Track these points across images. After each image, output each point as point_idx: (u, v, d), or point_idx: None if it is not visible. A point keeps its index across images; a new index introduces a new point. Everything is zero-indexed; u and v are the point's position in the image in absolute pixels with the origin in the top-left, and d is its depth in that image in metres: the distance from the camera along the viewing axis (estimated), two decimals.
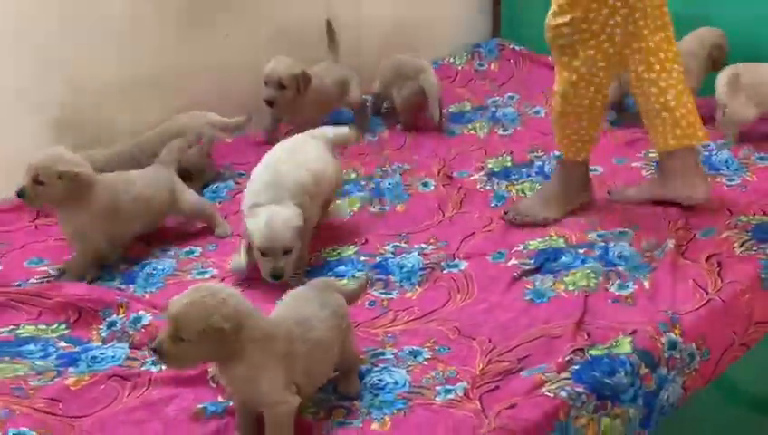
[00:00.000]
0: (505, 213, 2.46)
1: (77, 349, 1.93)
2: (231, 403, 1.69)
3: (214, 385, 1.77)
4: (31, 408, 1.67)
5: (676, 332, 1.89)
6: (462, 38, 3.87)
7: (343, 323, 1.73)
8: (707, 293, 2.03)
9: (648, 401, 1.79)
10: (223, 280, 2.19)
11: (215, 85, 3.06)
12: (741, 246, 2.22)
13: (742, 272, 2.10)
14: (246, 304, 1.56)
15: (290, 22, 3.21)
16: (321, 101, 3.01)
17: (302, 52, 3.07)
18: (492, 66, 3.73)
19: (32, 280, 2.22)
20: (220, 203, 2.67)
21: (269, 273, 2.08)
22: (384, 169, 2.85)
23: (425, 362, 1.84)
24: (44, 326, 2.02)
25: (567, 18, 2.30)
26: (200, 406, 1.71)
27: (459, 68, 3.69)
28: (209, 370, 1.79)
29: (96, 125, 2.80)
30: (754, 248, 2.20)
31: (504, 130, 3.16)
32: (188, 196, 2.44)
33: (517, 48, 3.74)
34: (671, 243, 2.24)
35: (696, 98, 2.48)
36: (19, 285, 2.17)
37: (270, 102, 2.85)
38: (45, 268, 2.28)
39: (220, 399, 1.73)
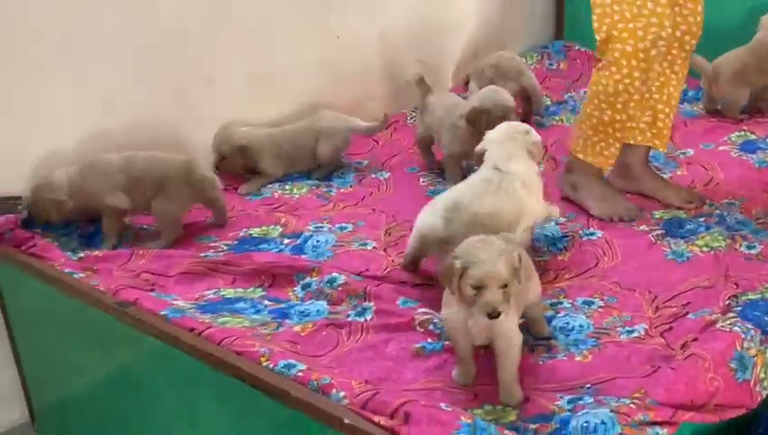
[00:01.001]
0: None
1: (282, 305, 2.16)
2: (445, 343, 1.94)
3: (421, 330, 2.01)
4: (279, 347, 1.89)
5: None
6: (526, 41, 4.15)
7: (529, 270, 1.97)
8: None
9: None
10: (385, 250, 2.44)
11: (327, 84, 3.30)
12: None
13: None
14: None
15: (398, 24, 3.47)
16: None
17: (409, 55, 3.35)
18: (561, 65, 4.01)
19: (209, 253, 2.45)
20: (351, 187, 2.91)
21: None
22: None
23: (600, 310, 2.10)
24: (242, 290, 2.25)
25: None
26: (418, 345, 1.95)
27: (532, 67, 3.94)
28: (414, 317, 2.03)
29: (226, 115, 3.03)
30: None
31: None
32: (164, 202, 2.50)
33: (582, 49, 4.02)
34: None
35: None
36: (206, 256, 2.39)
37: None
38: (216, 244, 2.52)
39: (429, 340, 1.98)
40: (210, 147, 2.94)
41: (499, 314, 1.70)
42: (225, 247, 2.49)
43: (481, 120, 2.73)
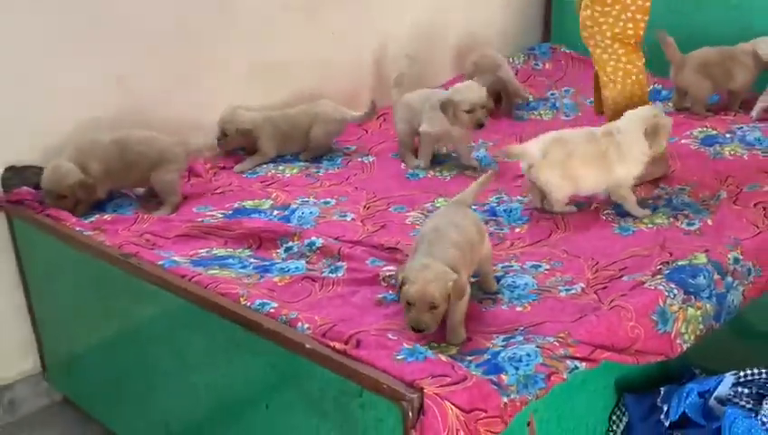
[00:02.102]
0: None
1: (266, 263, 2.44)
2: None
3: (384, 284, 2.28)
4: (258, 291, 2.18)
5: (738, 251, 2.40)
6: (515, 42, 4.42)
7: (482, 229, 2.25)
8: (758, 227, 2.55)
9: (719, 300, 2.30)
10: (362, 221, 2.72)
11: (322, 75, 3.59)
12: None
13: None
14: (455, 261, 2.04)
15: (391, 23, 3.75)
16: None
17: (401, 52, 3.64)
18: (546, 66, 4.28)
19: (205, 220, 2.73)
20: (338, 169, 3.20)
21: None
22: (469, 145, 3.37)
23: (545, 272, 2.36)
24: (232, 250, 2.53)
25: None
26: (380, 296, 2.22)
27: (519, 67, 4.22)
28: (379, 273, 2.31)
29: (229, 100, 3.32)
30: None
31: (566, 116, 3.70)
32: (163, 174, 2.83)
33: (567, 51, 4.29)
34: (724, 193, 2.78)
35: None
36: (202, 222, 2.68)
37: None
38: (212, 212, 2.80)
39: (391, 292, 2.25)
40: (215, 125, 3.23)
41: (422, 331, 1.94)
42: (220, 216, 2.77)
43: (448, 110, 3.02)
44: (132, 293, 2.35)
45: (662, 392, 2.15)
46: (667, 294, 2.18)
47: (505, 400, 1.77)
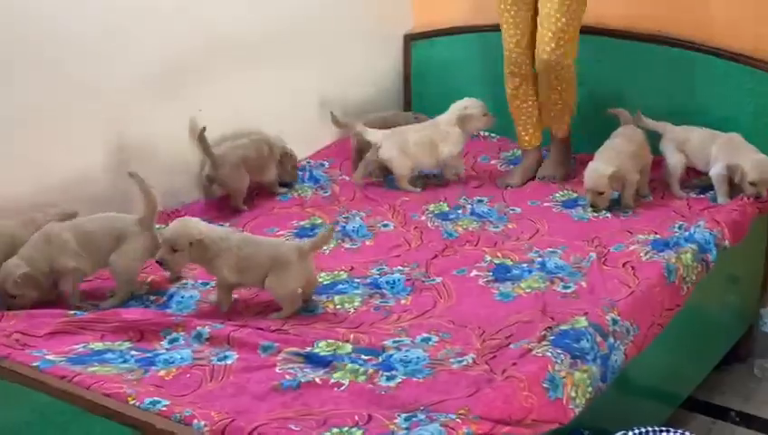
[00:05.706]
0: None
1: (149, 355, 2.34)
2: (302, 380, 2.17)
3: (280, 371, 2.22)
4: (145, 389, 2.07)
5: (615, 312, 2.51)
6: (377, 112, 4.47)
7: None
8: (630, 287, 2.68)
9: (603, 361, 2.39)
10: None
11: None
12: (645, 254, 2.89)
13: (650, 272, 2.77)
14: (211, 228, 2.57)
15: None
16: None
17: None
18: None
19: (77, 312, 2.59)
20: None
21: None
22: (345, 216, 3.38)
23: (435, 344, 2.38)
24: (110, 343, 2.41)
25: None
26: (276, 382, 2.17)
27: None
28: (276, 362, 2.25)
29: None
30: (656, 256, 2.88)
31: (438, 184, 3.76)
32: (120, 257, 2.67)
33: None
34: (593, 255, 2.91)
35: None
36: (75, 314, 2.54)
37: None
38: (84, 303, 2.67)
39: (287, 377, 2.20)
40: None
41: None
42: (93, 307, 2.64)
43: None
44: (6, 398, 2.18)
45: None
46: (554, 359, 2.24)
47: None
